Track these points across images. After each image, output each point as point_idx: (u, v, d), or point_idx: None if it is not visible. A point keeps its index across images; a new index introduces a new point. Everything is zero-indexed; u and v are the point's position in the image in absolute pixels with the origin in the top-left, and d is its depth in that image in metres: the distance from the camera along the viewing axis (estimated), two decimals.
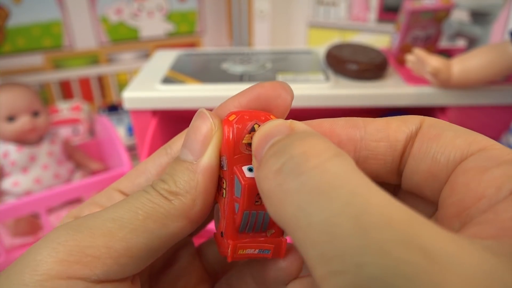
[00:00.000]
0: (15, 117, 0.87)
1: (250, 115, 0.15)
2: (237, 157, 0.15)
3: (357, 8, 1.24)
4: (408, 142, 0.15)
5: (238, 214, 0.15)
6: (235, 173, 0.15)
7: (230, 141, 0.15)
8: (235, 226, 0.15)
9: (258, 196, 0.14)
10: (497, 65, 0.56)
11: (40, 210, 0.75)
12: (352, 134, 0.16)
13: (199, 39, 1.42)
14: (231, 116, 0.15)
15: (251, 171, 0.15)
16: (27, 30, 1.17)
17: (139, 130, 0.67)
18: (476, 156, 0.13)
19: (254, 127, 0.15)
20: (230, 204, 0.15)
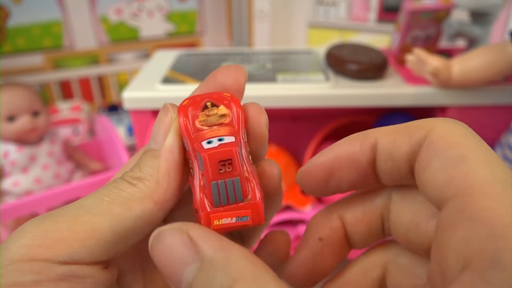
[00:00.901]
0: (15, 117, 0.87)
1: (201, 97, 0.17)
2: (195, 135, 0.16)
3: (357, 8, 1.24)
4: (411, 160, 0.15)
5: (207, 187, 0.15)
6: (196, 150, 0.15)
7: (185, 123, 0.16)
8: (208, 200, 0.15)
9: (221, 164, 0.15)
10: (497, 65, 0.56)
11: (40, 210, 0.75)
12: (368, 156, 0.16)
13: (199, 39, 1.42)
14: (185, 102, 0.17)
15: (209, 143, 0.15)
16: (27, 30, 1.17)
17: (139, 130, 0.67)
18: (451, 206, 0.12)
19: (207, 104, 0.16)
20: (199, 180, 0.15)
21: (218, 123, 0.16)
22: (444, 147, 0.13)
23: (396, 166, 0.15)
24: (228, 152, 0.15)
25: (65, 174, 0.94)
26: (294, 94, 0.63)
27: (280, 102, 0.64)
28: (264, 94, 0.63)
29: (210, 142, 0.15)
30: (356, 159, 0.16)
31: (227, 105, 0.16)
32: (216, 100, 0.17)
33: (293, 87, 0.64)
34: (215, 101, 0.17)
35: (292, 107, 0.64)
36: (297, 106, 0.64)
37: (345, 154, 0.16)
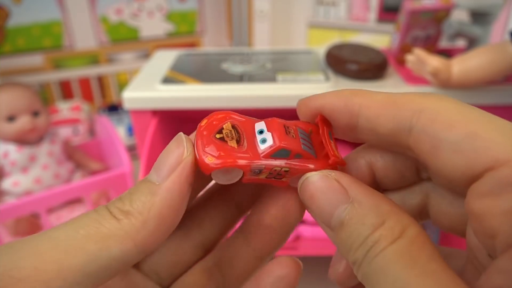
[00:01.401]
0: (15, 117, 0.87)
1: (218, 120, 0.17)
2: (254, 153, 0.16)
3: (357, 8, 1.24)
4: (399, 139, 0.15)
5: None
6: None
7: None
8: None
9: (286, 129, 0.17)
10: (497, 65, 0.56)
11: (40, 210, 0.75)
12: (348, 120, 0.16)
13: (199, 39, 1.42)
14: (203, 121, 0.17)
15: (264, 142, 0.16)
16: (27, 30, 1.17)
17: (139, 130, 0.67)
18: (485, 180, 0.12)
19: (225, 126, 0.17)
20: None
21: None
22: (444, 128, 0.13)
23: (378, 138, 0.16)
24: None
25: (65, 174, 0.94)
26: (294, 94, 0.63)
27: (280, 102, 0.64)
28: (264, 94, 0.63)
29: (264, 141, 0.16)
30: (337, 116, 0.17)
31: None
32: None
33: (293, 87, 0.64)
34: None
35: (292, 107, 0.64)
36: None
37: (329, 107, 0.17)
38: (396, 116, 0.15)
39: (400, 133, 0.15)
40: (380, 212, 0.14)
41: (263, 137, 0.16)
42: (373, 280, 0.13)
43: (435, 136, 0.13)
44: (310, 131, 0.18)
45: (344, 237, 0.14)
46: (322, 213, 0.15)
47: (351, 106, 0.16)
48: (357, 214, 0.14)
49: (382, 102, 0.15)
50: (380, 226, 0.14)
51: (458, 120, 0.13)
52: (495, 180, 0.12)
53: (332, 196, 0.15)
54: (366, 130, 0.16)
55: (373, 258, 0.13)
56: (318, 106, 0.17)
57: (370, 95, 0.16)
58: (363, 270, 0.14)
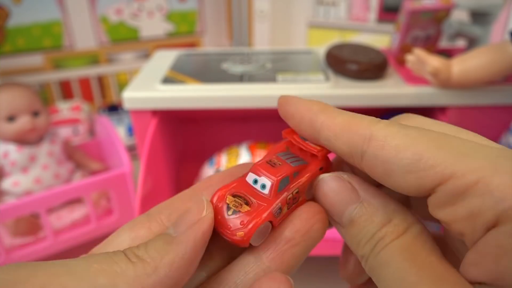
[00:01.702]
0: (15, 117, 0.87)
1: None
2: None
3: (357, 8, 1.24)
4: (354, 161, 0.16)
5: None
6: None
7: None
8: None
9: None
10: (497, 65, 0.56)
11: (40, 210, 0.75)
12: (312, 135, 0.18)
13: (199, 39, 1.42)
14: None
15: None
16: (27, 30, 1.17)
17: (139, 130, 0.67)
18: (438, 194, 0.14)
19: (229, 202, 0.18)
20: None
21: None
22: (392, 154, 0.15)
23: (337, 156, 0.18)
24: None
25: (65, 174, 0.94)
26: (294, 94, 0.63)
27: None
28: (264, 94, 0.63)
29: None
30: (303, 128, 0.18)
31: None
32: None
33: (293, 87, 0.64)
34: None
35: None
36: None
37: (298, 118, 0.18)
38: (350, 140, 0.16)
39: (353, 156, 0.16)
40: (387, 211, 0.16)
41: (261, 184, 0.17)
42: (378, 271, 0.15)
43: (385, 161, 0.15)
44: (287, 148, 0.20)
45: (354, 234, 0.16)
46: (334, 211, 0.17)
47: (315, 122, 0.17)
48: (366, 213, 0.16)
49: (340, 124, 0.16)
50: (387, 223, 0.15)
51: (404, 144, 0.14)
52: (446, 193, 0.14)
53: (344, 195, 0.17)
54: (328, 146, 0.17)
55: (378, 252, 0.15)
56: (290, 112, 0.18)
57: (333, 115, 0.17)
58: (370, 263, 0.15)
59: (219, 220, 0.17)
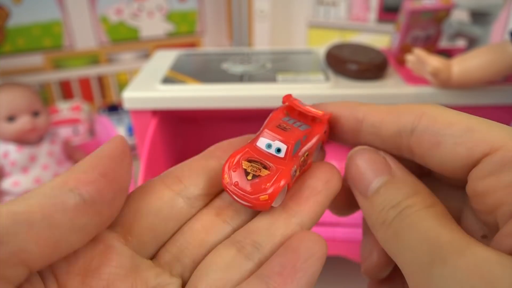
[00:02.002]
0: (15, 117, 0.87)
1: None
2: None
3: (357, 8, 1.24)
4: (400, 141, 0.17)
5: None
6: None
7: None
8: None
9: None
10: (497, 65, 0.56)
11: None
12: (353, 125, 0.19)
13: (199, 39, 1.42)
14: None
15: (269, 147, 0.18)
16: (27, 30, 1.17)
17: (139, 130, 0.67)
18: (484, 163, 0.15)
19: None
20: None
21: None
22: (444, 126, 0.16)
23: (381, 141, 0.18)
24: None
25: None
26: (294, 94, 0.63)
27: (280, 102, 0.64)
28: (264, 94, 0.63)
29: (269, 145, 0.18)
30: (343, 121, 0.19)
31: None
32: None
33: (293, 87, 0.64)
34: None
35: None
36: None
37: (336, 114, 0.19)
38: (399, 120, 0.17)
39: (402, 135, 0.17)
40: (415, 187, 0.16)
41: (276, 148, 0.18)
42: (404, 233, 0.15)
43: (437, 133, 0.16)
44: (286, 113, 0.21)
45: (378, 202, 0.17)
46: (363, 180, 0.17)
47: (356, 113, 0.18)
48: (394, 183, 0.17)
49: (385, 109, 0.18)
50: (414, 195, 0.16)
51: (456, 119, 0.16)
52: (493, 162, 0.14)
53: (377, 166, 0.17)
54: (370, 135, 0.18)
55: (406, 216, 0.15)
56: (328, 107, 0.20)
57: (374, 105, 0.18)
58: (394, 227, 0.16)
59: (237, 185, 0.17)
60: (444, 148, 0.15)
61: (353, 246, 0.64)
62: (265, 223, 0.17)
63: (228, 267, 0.16)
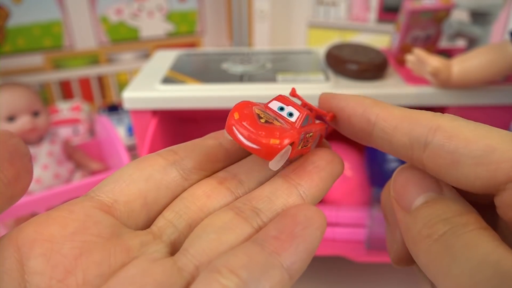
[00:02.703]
0: (15, 117, 0.87)
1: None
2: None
3: (357, 8, 1.24)
4: (412, 153, 0.16)
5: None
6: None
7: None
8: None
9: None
10: (497, 65, 0.56)
11: (40, 210, 0.75)
12: (365, 127, 0.17)
13: (199, 39, 1.42)
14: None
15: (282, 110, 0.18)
16: (27, 30, 1.17)
17: (139, 130, 0.67)
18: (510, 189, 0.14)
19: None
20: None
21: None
22: (462, 144, 0.14)
23: (392, 149, 0.17)
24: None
25: (65, 174, 0.94)
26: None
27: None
28: (264, 94, 0.63)
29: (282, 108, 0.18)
30: (355, 120, 0.18)
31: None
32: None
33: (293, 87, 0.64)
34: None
35: None
36: None
37: (349, 111, 0.18)
38: (412, 131, 0.15)
39: (414, 147, 0.15)
40: (466, 206, 0.15)
41: (288, 112, 0.17)
42: (458, 251, 0.14)
43: (454, 151, 0.14)
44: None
45: (423, 214, 0.15)
46: (408, 193, 0.16)
47: (369, 114, 0.17)
48: (444, 200, 0.16)
49: (399, 115, 0.16)
50: (467, 213, 0.15)
51: (474, 136, 0.14)
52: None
53: (426, 183, 0.16)
54: (381, 139, 0.17)
55: (461, 234, 0.14)
56: (339, 106, 0.18)
57: (388, 108, 0.17)
58: (444, 242, 0.14)
59: (246, 123, 0.15)
60: (462, 168, 0.14)
61: (353, 246, 0.64)
62: (267, 191, 0.16)
63: (224, 229, 0.15)
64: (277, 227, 0.14)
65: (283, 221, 0.15)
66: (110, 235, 0.14)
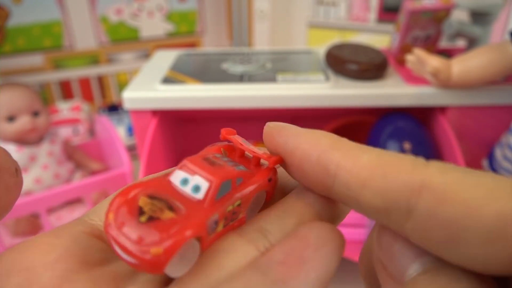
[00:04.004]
0: (15, 117, 0.87)
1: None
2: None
3: (357, 8, 1.24)
4: (389, 219, 0.12)
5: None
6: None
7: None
8: None
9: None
10: (497, 65, 0.56)
11: (40, 210, 0.75)
12: (322, 178, 0.13)
13: (199, 39, 1.42)
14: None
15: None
16: (27, 30, 1.17)
17: (139, 130, 0.67)
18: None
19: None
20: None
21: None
22: (463, 212, 0.10)
23: (363, 211, 0.12)
24: None
25: (65, 174, 0.94)
26: (294, 94, 0.63)
27: (280, 102, 0.64)
28: (264, 94, 0.63)
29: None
30: (308, 169, 0.13)
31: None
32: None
33: (293, 87, 0.64)
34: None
35: (292, 107, 0.64)
36: (297, 106, 0.63)
37: (300, 155, 0.13)
38: (387, 190, 0.11)
39: (392, 213, 0.11)
40: (478, 277, 0.12)
41: (193, 185, 0.13)
42: None
43: (450, 222, 0.10)
44: (223, 151, 0.15)
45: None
46: (401, 258, 0.12)
47: (327, 161, 0.13)
48: (447, 269, 0.12)
49: (367, 165, 0.12)
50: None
51: (476, 197, 0.10)
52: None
53: (411, 252, 0.12)
54: (345, 198, 0.12)
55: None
56: (287, 148, 0.14)
57: (354, 153, 0.12)
58: None
59: (121, 228, 0.11)
60: (466, 246, 0.10)
61: (353, 246, 0.64)
62: (279, 210, 0.14)
63: (223, 252, 0.12)
64: (284, 250, 0.12)
65: (292, 243, 0.12)
66: (99, 261, 0.13)
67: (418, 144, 0.64)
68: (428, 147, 0.65)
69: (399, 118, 0.68)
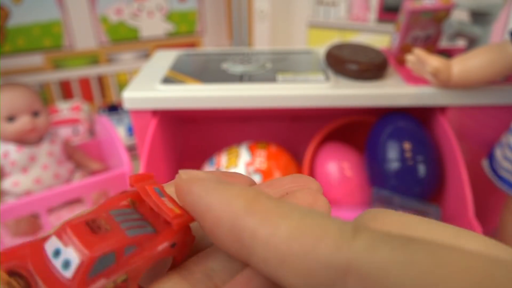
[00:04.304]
0: (15, 117, 0.87)
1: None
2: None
3: (357, 8, 1.24)
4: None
5: None
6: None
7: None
8: None
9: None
10: (497, 65, 0.56)
11: (40, 210, 0.75)
12: (236, 250, 0.11)
13: (199, 39, 1.42)
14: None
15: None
16: (27, 30, 1.17)
17: (139, 130, 0.67)
18: None
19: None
20: None
21: None
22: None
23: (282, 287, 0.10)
24: None
25: (65, 174, 0.94)
26: (294, 94, 0.63)
27: (280, 102, 0.64)
28: (264, 94, 0.63)
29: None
30: (221, 237, 0.11)
31: None
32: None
33: (293, 87, 0.64)
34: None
35: (292, 107, 0.64)
36: (297, 106, 0.63)
37: (212, 219, 0.11)
38: (309, 271, 0.09)
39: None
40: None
41: (63, 260, 0.11)
42: None
43: None
44: (131, 201, 0.13)
45: None
46: None
47: (240, 231, 0.10)
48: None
49: (286, 239, 0.10)
50: None
51: (411, 280, 0.08)
52: None
53: None
54: (265, 273, 0.10)
55: None
56: (197, 210, 0.12)
57: (271, 220, 0.10)
58: None
59: None
60: None
61: None
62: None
63: None
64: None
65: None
66: None
67: (418, 144, 0.64)
68: (428, 147, 0.65)
69: (399, 118, 0.68)
